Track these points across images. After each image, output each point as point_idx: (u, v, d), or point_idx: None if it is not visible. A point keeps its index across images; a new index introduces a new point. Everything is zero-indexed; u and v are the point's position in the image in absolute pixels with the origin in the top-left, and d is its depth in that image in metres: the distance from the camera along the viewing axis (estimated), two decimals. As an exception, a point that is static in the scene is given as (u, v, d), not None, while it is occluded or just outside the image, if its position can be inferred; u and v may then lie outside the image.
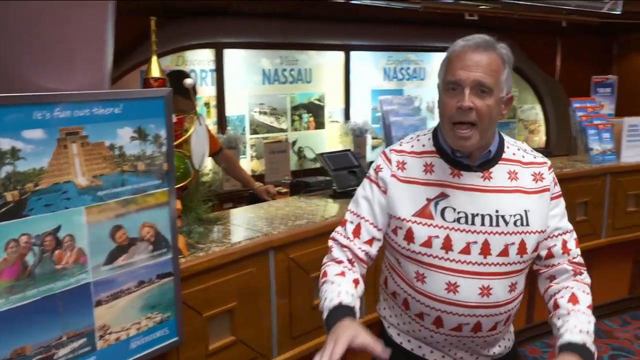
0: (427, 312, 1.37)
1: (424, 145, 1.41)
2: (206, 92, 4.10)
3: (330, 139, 4.64)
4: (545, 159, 1.43)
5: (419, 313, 1.39)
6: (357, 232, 1.39)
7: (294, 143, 4.48)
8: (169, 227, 1.54)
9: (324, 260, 1.43)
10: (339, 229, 1.44)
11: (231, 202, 3.61)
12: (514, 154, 1.40)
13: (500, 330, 1.41)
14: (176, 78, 2.30)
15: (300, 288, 2.14)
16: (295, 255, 2.11)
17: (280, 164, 4.15)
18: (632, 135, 3.80)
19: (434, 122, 5.19)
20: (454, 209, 1.33)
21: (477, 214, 1.32)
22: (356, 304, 1.27)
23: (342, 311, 1.23)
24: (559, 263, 1.41)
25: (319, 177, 3.07)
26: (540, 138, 6.04)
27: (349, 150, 3.14)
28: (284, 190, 3.35)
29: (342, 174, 2.71)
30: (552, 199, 1.40)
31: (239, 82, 4.23)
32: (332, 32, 4.45)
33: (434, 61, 5.16)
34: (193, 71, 4.01)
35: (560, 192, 1.44)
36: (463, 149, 1.31)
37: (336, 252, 1.40)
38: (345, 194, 2.67)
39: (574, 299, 1.36)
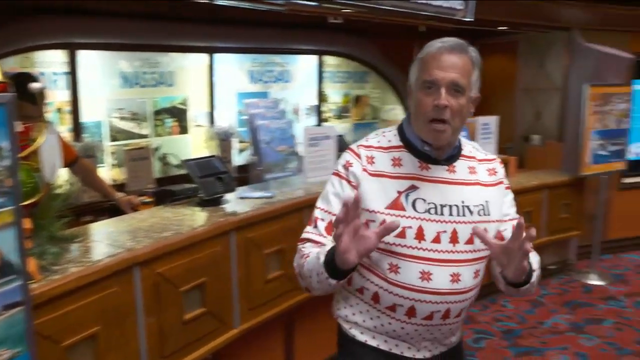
0: (400, 302, 1.40)
1: (390, 141, 1.47)
2: (59, 96, 3.78)
3: (195, 144, 4.48)
4: (494, 156, 1.56)
5: (391, 305, 1.41)
6: (329, 229, 1.41)
7: (157, 149, 4.27)
8: (17, 250, 1.37)
9: (297, 260, 1.45)
10: (308, 228, 1.46)
11: (91, 215, 3.35)
12: (470, 151, 1.51)
13: (462, 317, 1.48)
14: (21, 82, 2.07)
15: (170, 304, 2.03)
16: (162, 270, 2.00)
17: (142, 171, 3.94)
18: (484, 133, 4.11)
19: (299, 124, 5.34)
20: (424, 200, 1.39)
21: (446, 205, 1.40)
22: None
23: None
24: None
25: (185, 185, 2.93)
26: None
27: (214, 155, 3.05)
28: (148, 200, 3.18)
29: (208, 181, 2.62)
30: (505, 189, 1.53)
31: (96, 85, 3.94)
32: (195, 33, 4.31)
33: (299, 64, 5.21)
34: (43, 74, 3.67)
35: (509, 185, 1.57)
36: (437, 142, 1.39)
37: (309, 247, 1.43)
38: (213, 202, 2.59)
39: None
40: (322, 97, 5.48)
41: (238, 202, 2.67)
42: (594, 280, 4.65)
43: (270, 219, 2.56)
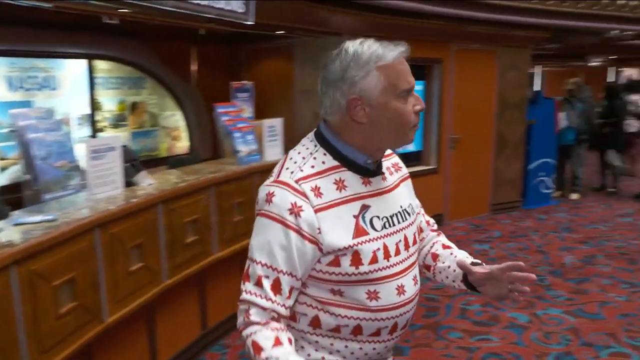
0: (384, 325, 1.35)
1: (324, 163, 1.32)
2: None
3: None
4: (389, 150, 1.49)
5: (376, 331, 1.35)
6: (276, 288, 1.25)
7: None
8: None
9: (241, 326, 1.27)
10: (251, 288, 1.26)
11: None
12: None
13: None
14: None
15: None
16: None
17: None
18: (271, 136, 4.16)
19: (75, 134, 4.84)
20: (379, 217, 1.33)
21: (393, 214, 1.37)
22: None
23: None
24: (427, 234, 1.62)
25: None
26: (183, 144, 6.15)
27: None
28: None
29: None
30: (410, 181, 1.53)
31: None
32: None
33: (66, 69, 4.69)
34: None
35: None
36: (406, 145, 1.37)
37: (255, 315, 1.24)
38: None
39: (446, 246, 1.57)
40: (95, 105, 5.04)
41: (13, 230, 2.28)
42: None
43: (56, 246, 2.24)
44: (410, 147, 6.26)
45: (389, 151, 1.49)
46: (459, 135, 6.59)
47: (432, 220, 1.68)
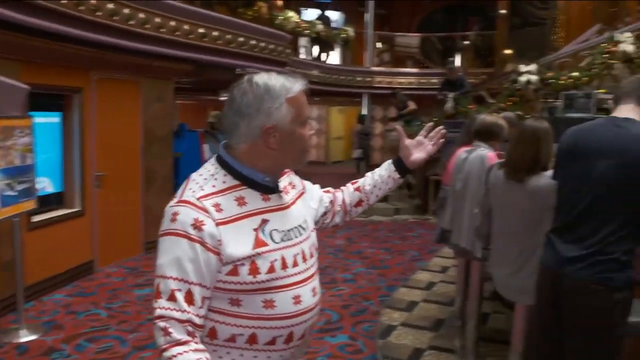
0: (280, 333, 1.43)
1: (224, 182, 1.43)
2: None
3: None
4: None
5: (271, 339, 1.43)
6: (189, 300, 1.32)
7: None
8: None
9: (164, 345, 1.30)
10: (165, 304, 1.31)
11: None
12: None
13: None
14: None
15: None
16: None
17: None
18: None
19: None
20: (277, 230, 1.45)
21: (291, 229, 1.49)
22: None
23: None
24: (337, 195, 1.89)
25: None
26: None
27: None
28: None
29: None
30: (305, 193, 1.70)
31: None
32: None
33: None
34: None
35: (302, 181, 1.75)
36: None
37: (176, 332, 1.30)
38: None
39: (355, 181, 1.93)
40: None
41: None
42: (27, 337, 4.08)
43: None
44: (49, 189, 5.40)
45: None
46: (105, 172, 5.97)
47: (329, 189, 1.92)
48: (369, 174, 1.93)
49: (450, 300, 4.99)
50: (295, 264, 1.47)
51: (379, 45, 15.56)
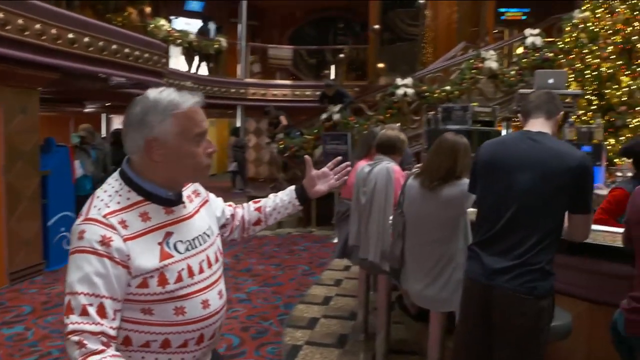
0: (190, 337, 1.51)
1: (128, 199, 1.47)
2: None
3: None
4: None
5: (183, 343, 1.50)
6: (102, 313, 1.35)
7: None
8: None
9: (80, 357, 1.31)
10: (76, 319, 1.34)
11: None
12: None
13: None
14: None
15: None
16: None
17: None
18: None
19: None
20: (182, 241, 1.52)
21: (195, 238, 1.57)
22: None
23: None
24: (238, 210, 1.98)
25: None
26: None
27: None
28: None
29: None
30: (208, 202, 1.77)
31: None
32: None
33: None
34: None
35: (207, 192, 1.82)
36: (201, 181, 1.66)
37: (91, 343, 1.33)
38: None
39: (257, 201, 2.03)
40: None
41: None
42: None
43: None
44: None
45: None
46: (-42, 193, 5.22)
47: (231, 203, 1.99)
48: (271, 195, 2.00)
49: (350, 314, 4.95)
50: (201, 271, 1.55)
51: (252, 57, 15.45)
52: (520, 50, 9.42)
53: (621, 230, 2.59)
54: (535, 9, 15.96)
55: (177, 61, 11.99)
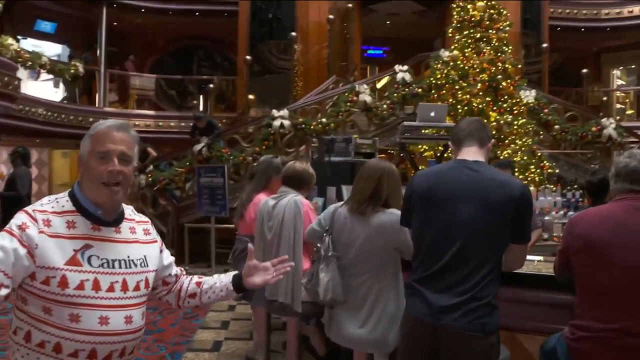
0: (82, 347, 1.60)
1: (63, 206, 1.68)
2: None
3: None
4: (147, 219, 1.92)
5: (74, 352, 1.60)
6: None
7: None
8: None
9: None
10: None
11: None
12: (129, 214, 1.83)
13: (134, 355, 1.75)
14: None
15: None
16: None
17: None
18: None
19: None
20: (98, 257, 1.66)
21: (116, 260, 1.69)
22: None
23: None
24: (183, 279, 2.02)
25: None
26: None
27: None
28: None
29: None
30: (160, 249, 1.91)
31: None
32: None
33: None
34: None
35: (162, 241, 1.96)
36: (112, 202, 1.71)
37: None
38: None
39: (200, 278, 2.02)
40: None
41: None
42: None
43: None
44: None
45: (144, 217, 1.91)
46: None
47: (183, 270, 2.05)
48: (215, 276, 2.03)
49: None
50: (111, 290, 1.66)
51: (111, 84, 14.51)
52: (382, 82, 9.82)
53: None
54: (394, 48, 16.95)
55: (28, 85, 10.86)
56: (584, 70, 13.47)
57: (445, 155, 6.22)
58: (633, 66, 17.25)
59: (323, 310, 3.25)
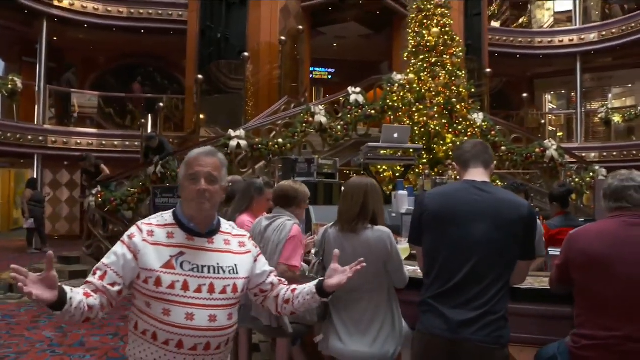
0: (171, 337, 1.91)
1: (166, 220, 2.04)
2: None
3: None
4: (244, 232, 2.20)
5: (166, 340, 1.91)
6: (102, 277, 1.93)
7: None
8: None
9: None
10: (89, 277, 1.95)
11: None
12: (226, 229, 2.12)
13: (222, 350, 2.01)
14: None
15: None
16: None
17: None
18: None
19: None
20: (190, 262, 1.96)
21: (205, 266, 1.98)
22: (73, 294, 1.81)
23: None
24: (281, 286, 2.23)
25: None
26: None
27: None
28: None
29: None
30: (255, 259, 2.16)
31: None
32: None
33: None
34: None
35: (260, 252, 2.22)
36: (201, 215, 2.01)
37: (84, 287, 1.92)
38: None
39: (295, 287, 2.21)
40: None
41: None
42: None
43: None
44: None
45: (242, 232, 2.19)
46: None
47: (283, 279, 2.28)
48: (311, 282, 2.19)
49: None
50: (198, 291, 1.93)
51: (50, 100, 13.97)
52: (320, 107, 9.99)
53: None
54: (338, 70, 17.25)
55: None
56: (524, 95, 14.17)
57: (407, 175, 6.39)
58: (563, 91, 18.37)
59: (310, 330, 3.26)
